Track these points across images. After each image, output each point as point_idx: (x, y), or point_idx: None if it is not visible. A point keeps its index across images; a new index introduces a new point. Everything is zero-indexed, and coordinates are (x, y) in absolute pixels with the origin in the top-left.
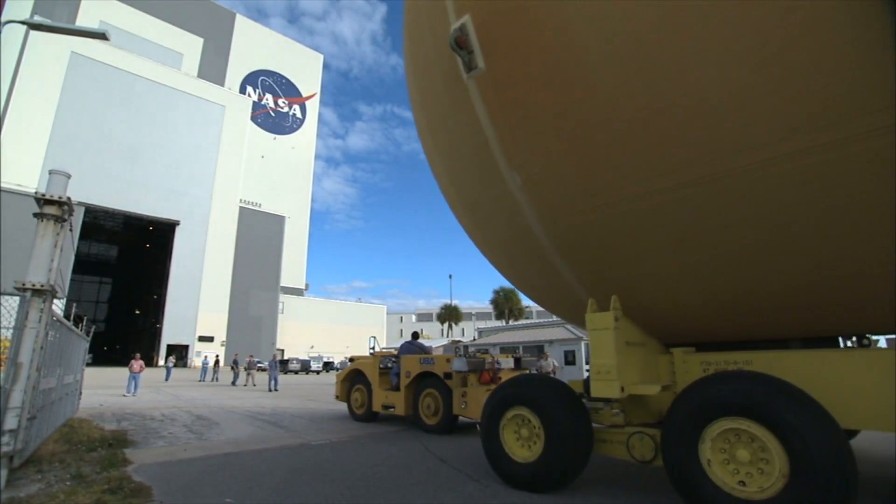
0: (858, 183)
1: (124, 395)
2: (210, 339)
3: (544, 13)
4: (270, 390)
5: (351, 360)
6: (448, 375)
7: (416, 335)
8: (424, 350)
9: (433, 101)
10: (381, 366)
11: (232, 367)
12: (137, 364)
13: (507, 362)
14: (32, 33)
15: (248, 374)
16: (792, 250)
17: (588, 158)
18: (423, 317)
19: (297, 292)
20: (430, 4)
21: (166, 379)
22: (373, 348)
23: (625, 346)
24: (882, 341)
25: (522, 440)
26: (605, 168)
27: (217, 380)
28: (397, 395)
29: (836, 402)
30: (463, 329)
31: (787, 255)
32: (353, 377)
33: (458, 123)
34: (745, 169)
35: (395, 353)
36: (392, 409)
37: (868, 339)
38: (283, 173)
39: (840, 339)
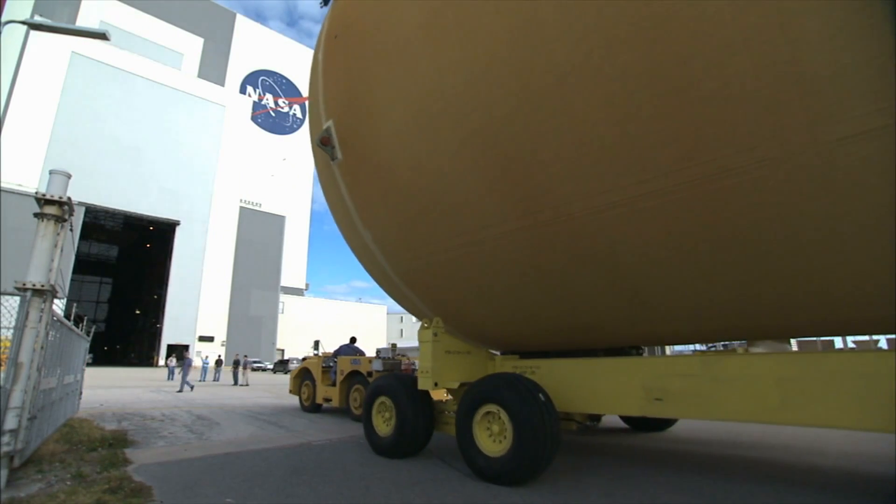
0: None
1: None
2: (210, 339)
3: (367, 127)
4: (180, 391)
5: (303, 359)
6: (370, 374)
7: (353, 339)
8: (358, 352)
9: (322, 173)
10: (324, 365)
11: (234, 367)
12: None
13: None
14: (32, 33)
15: (244, 374)
16: (535, 310)
17: (403, 225)
18: None
19: (297, 292)
20: (315, 104)
21: (170, 378)
22: (316, 349)
23: (444, 354)
24: (882, 341)
25: (385, 420)
26: (413, 233)
27: (218, 379)
28: (334, 390)
29: (583, 392)
30: None
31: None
32: (303, 375)
33: (334, 194)
34: (491, 239)
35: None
36: (330, 402)
37: (639, 349)
38: (284, 173)
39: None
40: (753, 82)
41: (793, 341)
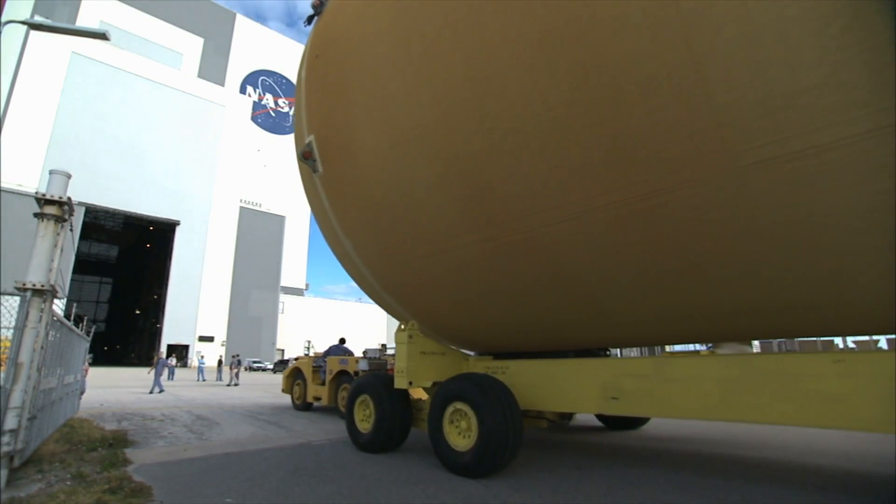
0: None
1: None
2: (210, 339)
3: (344, 144)
4: (151, 392)
5: (296, 359)
6: (357, 373)
7: (342, 340)
8: (347, 353)
9: (306, 184)
10: (314, 365)
11: (231, 367)
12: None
13: None
14: (32, 33)
15: (230, 372)
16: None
17: (378, 234)
18: None
19: (297, 292)
20: (299, 119)
21: (170, 378)
22: (307, 349)
23: (420, 355)
24: (882, 341)
25: (366, 418)
26: (387, 242)
27: (221, 379)
28: (324, 389)
29: (547, 391)
30: None
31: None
32: (295, 374)
33: (317, 204)
34: (456, 249)
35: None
36: (320, 401)
37: (607, 352)
38: (283, 173)
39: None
40: (674, 113)
41: (755, 343)
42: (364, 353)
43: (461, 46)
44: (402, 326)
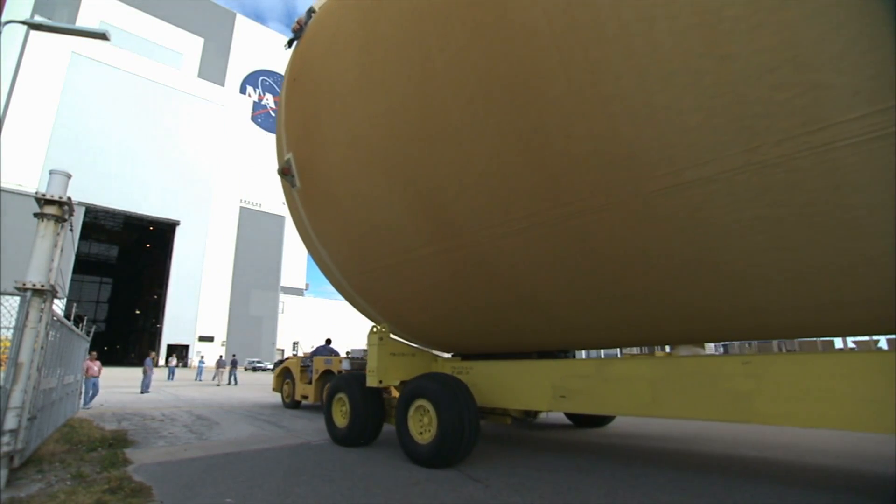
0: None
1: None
2: (210, 339)
3: (317, 161)
4: (143, 392)
5: (286, 359)
6: (341, 373)
7: (328, 341)
8: (333, 353)
9: (287, 197)
10: (302, 365)
11: (219, 366)
12: (95, 365)
13: None
14: (32, 33)
15: (231, 373)
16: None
17: (349, 245)
18: None
19: (297, 292)
20: (279, 137)
21: (170, 378)
22: (295, 350)
23: (389, 356)
24: (882, 342)
25: (342, 414)
26: (357, 251)
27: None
28: (310, 388)
29: (505, 389)
30: None
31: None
32: (284, 374)
33: (296, 215)
34: (417, 259)
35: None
36: (307, 399)
37: (572, 354)
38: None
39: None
40: (589, 146)
41: (710, 345)
42: (347, 353)
43: (413, 81)
44: (374, 329)
